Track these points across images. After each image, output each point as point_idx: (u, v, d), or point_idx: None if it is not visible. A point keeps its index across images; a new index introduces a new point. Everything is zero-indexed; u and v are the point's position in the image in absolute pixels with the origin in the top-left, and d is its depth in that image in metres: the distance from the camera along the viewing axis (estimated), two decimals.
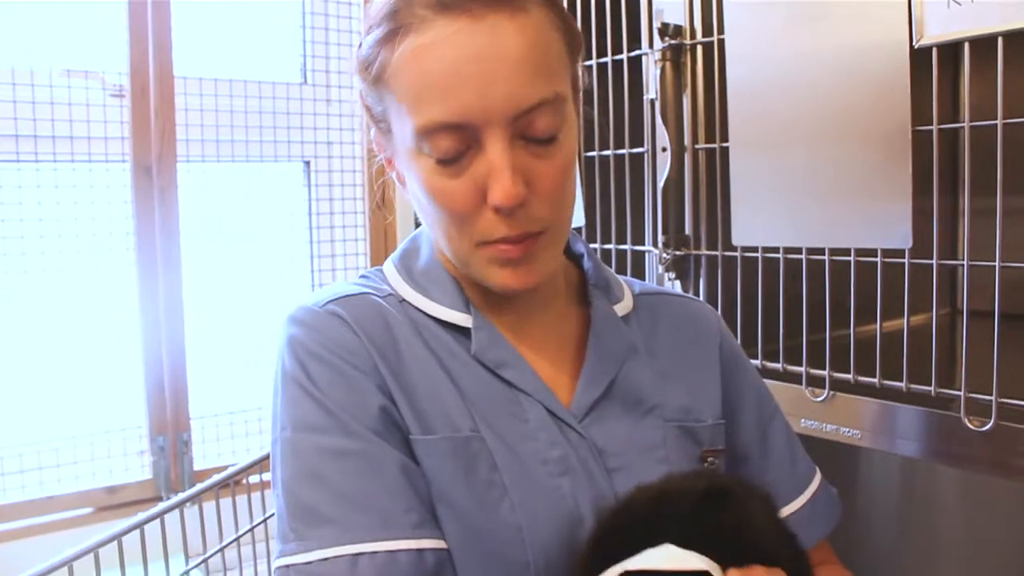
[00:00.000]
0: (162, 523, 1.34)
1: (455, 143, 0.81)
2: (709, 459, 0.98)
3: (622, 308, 1.02)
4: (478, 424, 0.87)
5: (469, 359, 0.91)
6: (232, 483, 1.57)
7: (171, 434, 2.20)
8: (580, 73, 0.92)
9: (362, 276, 1.00)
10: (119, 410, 2.23)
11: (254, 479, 1.65)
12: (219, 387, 2.36)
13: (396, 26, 0.82)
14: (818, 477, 1.07)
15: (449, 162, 0.83)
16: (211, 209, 2.33)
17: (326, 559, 0.79)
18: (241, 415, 2.35)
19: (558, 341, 0.98)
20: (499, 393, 0.90)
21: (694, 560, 0.75)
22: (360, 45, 0.89)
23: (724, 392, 1.04)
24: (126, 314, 2.20)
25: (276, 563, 0.82)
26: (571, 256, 1.06)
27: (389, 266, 0.99)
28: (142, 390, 2.19)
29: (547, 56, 0.83)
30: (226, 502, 1.56)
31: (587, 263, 1.04)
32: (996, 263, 1.13)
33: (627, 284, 1.08)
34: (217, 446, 2.32)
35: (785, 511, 1.01)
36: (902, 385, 1.22)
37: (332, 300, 0.91)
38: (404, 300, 0.94)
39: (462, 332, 0.92)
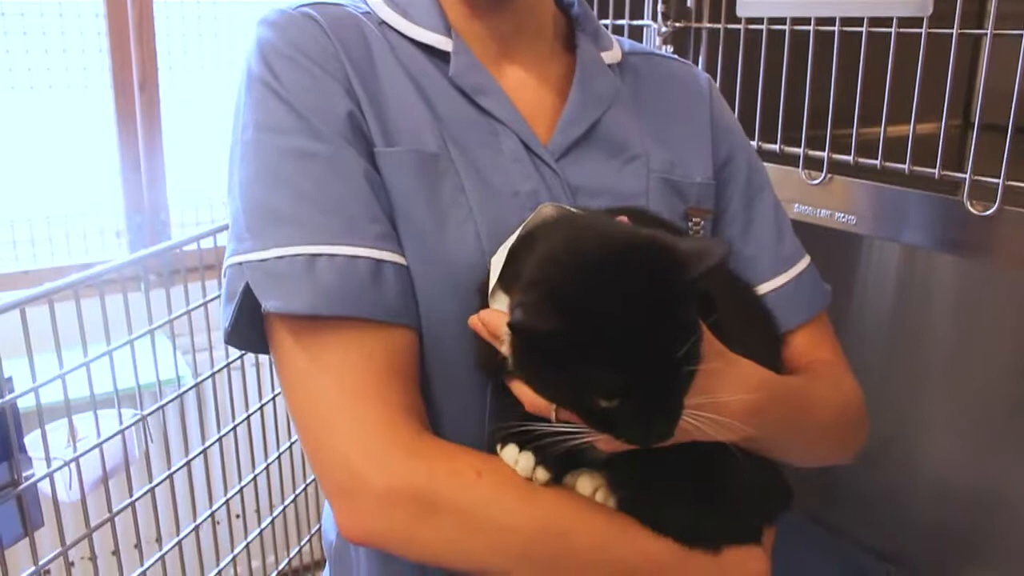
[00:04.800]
0: (124, 293, 1.30)
1: None
2: (694, 219, 0.93)
3: (610, 57, 0.97)
4: (448, 145, 0.83)
5: (446, 84, 0.86)
6: (202, 267, 1.51)
7: (148, 214, 2.14)
8: None
9: None
10: (97, 190, 2.17)
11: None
12: (199, 176, 2.29)
13: None
14: (806, 261, 1.01)
15: None
16: None
17: (282, 257, 0.74)
18: (220, 196, 2.29)
19: (539, 81, 0.92)
20: (474, 121, 0.86)
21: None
22: None
23: (714, 154, 0.98)
24: (101, 91, 2.11)
25: (229, 261, 0.78)
26: (561, 6, 0.98)
27: None
28: (118, 173, 2.13)
29: None
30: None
31: (577, 9, 0.97)
32: None
33: (617, 40, 1.01)
34: (197, 231, 2.27)
35: (764, 288, 0.96)
36: (904, 167, 1.15)
37: (307, 4, 0.85)
38: (383, 23, 0.88)
39: (441, 58, 0.87)
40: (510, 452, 0.75)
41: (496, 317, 0.72)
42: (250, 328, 0.79)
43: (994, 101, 1.09)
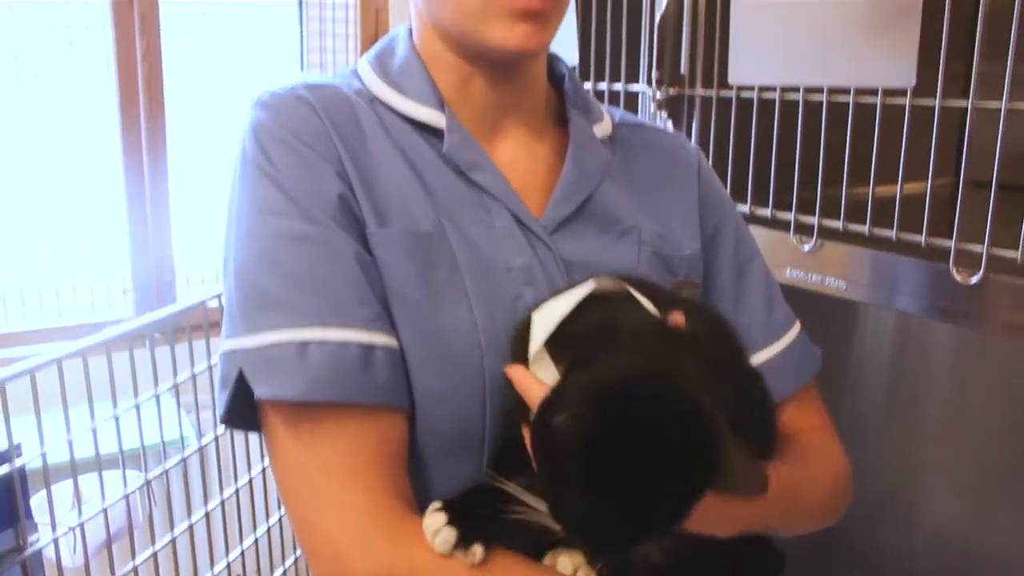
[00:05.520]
0: (131, 354, 1.32)
1: None
2: (684, 292, 0.94)
3: (601, 130, 0.98)
4: (442, 223, 0.84)
5: (438, 162, 0.87)
6: (206, 324, 1.53)
7: (154, 273, 2.17)
8: None
9: (334, 74, 0.95)
10: (103, 248, 2.20)
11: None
12: (205, 232, 2.32)
13: None
14: (796, 328, 1.03)
15: None
16: (196, 42, 2.24)
17: (275, 344, 0.76)
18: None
19: (531, 155, 0.93)
20: (467, 197, 0.86)
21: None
22: None
23: (702, 226, 0.99)
24: (108, 150, 2.15)
25: (223, 347, 0.79)
26: (552, 79, 1.00)
27: (363, 65, 0.93)
28: (125, 231, 2.16)
29: None
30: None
31: (568, 84, 0.98)
32: (1003, 103, 1.05)
33: (608, 111, 1.03)
34: (202, 289, 2.30)
35: (757, 358, 0.98)
36: (892, 234, 1.17)
37: (301, 86, 0.87)
38: (376, 99, 0.89)
39: (434, 134, 0.88)
40: (433, 520, 0.74)
41: (529, 381, 0.72)
42: (245, 410, 0.80)
43: (984, 159, 1.11)
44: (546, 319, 0.75)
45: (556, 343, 0.74)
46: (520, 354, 0.76)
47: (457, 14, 0.84)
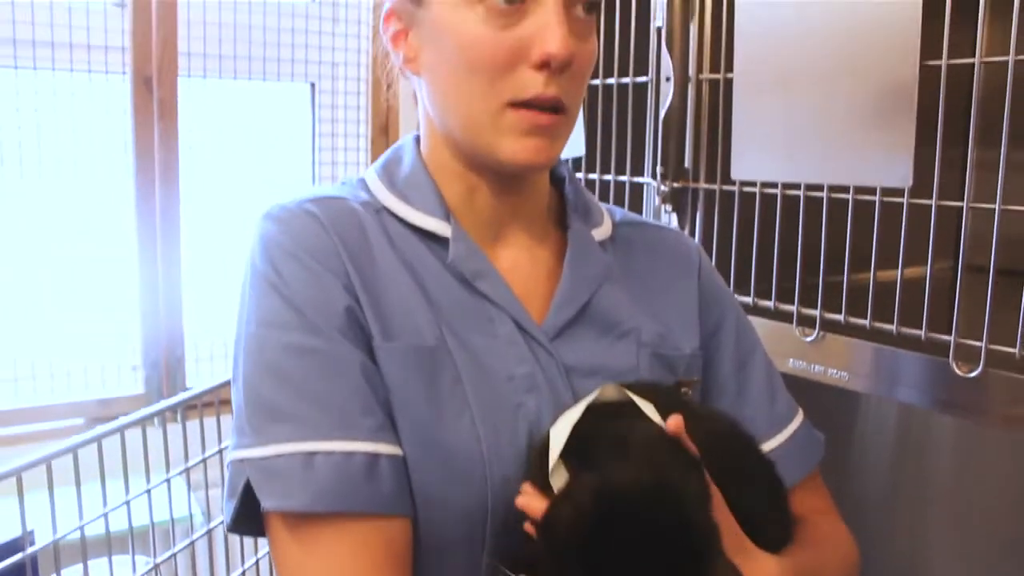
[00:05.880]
0: (144, 431, 1.34)
1: None
2: (683, 390, 0.96)
3: (600, 233, 1.00)
4: (445, 335, 0.85)
5: (442, 271, 0.89)
6: (217, 402, 1.56)
7: (164, 350, 2.20)
8: None
9: (342, 184, 0.98)
10: (114, 324, 2.23)
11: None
12: (215, 309, 2.35)
13: None
14: (799, 417, 1.04)
15: (511, 1, 0.81)
16: (212, 126, 2.30)
17: (281, 455, 0.78)
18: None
19: (532, 261, 0.95)
20: (470, 306, 0.88)
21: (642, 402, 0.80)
22: None
23: (702, 323, 1.01)
24: (122, 228, 2.19)
25: (231, 456, 0.81)
26: (553, 181, 1.03)
27: (371, 175, 0.95)
28: (137, 308, 2.19)
29: None
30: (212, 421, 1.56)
31: (568, 187, 1.01)
32: (997, 205, 1.09)
33: (608, 212, 1.05)
34: (211, 365, 2.32)
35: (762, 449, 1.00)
36: (892, 328, 1.19)
37: (309, 200, 0.89)
38: (382, 209, 0.91)
39: (438, 242, 0.90)
40: None
41: (536, 506, 0.75)
42: (251, 516, 0.81)
43: (983, 243, 1.13)
44: (560, 433, 0.78)
45: (568, 456, 0.77)
46: (539, 472, 0.78)
47: (468, 126, 0.87)
